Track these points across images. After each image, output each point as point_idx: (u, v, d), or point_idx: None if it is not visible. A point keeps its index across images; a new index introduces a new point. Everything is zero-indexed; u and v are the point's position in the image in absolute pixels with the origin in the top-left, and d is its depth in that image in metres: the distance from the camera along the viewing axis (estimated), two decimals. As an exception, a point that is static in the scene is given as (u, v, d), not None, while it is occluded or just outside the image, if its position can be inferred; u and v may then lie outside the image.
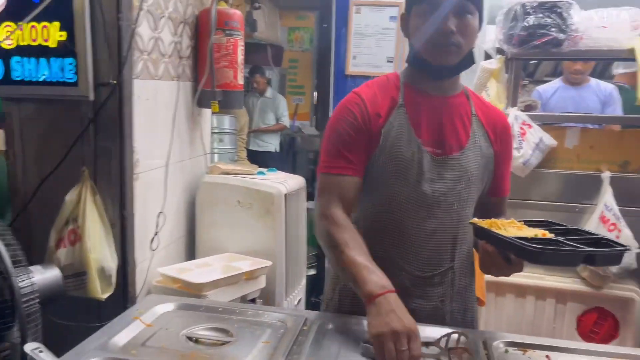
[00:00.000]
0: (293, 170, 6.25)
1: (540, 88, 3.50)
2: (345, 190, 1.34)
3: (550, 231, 1.19)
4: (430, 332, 1.26)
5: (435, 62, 1.32)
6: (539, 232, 1.15)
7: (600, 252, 1.08)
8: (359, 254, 1.27)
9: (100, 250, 1.70)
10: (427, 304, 1.38)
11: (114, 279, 1.73)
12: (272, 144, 5.68)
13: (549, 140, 2.49)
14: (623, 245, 1.12)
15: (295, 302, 2.42)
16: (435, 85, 1.37)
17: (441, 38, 1.28)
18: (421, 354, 1.11)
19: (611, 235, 2.36)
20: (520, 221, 1.25)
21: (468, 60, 1.35)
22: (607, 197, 2.40)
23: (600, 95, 3.18)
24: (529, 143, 2.47)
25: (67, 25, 1.64)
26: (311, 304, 3.49)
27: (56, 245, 1.72)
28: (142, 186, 1.86)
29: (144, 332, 1.22)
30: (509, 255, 1.17)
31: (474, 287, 1.47)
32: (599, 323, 2.46)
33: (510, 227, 1.19)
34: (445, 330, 1.25)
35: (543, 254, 1.05)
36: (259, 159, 5.02)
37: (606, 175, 2.43)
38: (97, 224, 1.71)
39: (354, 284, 1.25)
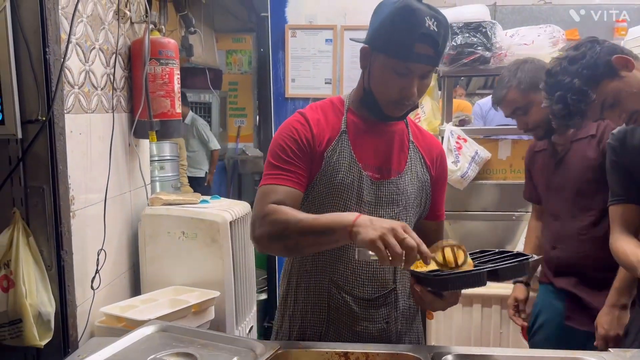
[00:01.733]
0: (239, 193, 6.20)
1: (480, 102, 3.66)
2: (282, 199, 1.29)
3: (476, 258, 1.27)
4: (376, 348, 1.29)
5: (389, 112, 1.36)
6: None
7: (500, 267, 1.16)
8: (310, 215, 1.24)
9: (36, 295, 1.62)
10: (372, 327, 1.40)
11: (52, 324, 1.64)
12: (202, 169, 5.60)
13: (484, 153, 2.60)
14: (526, 257, 1.21)
15: (247, 331, 2.38)
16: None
17: (403, 99, 1.31)
18: (418, 239, 1.10)
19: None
20: (430, 256, 1.29)
21: (415, 105, 1.39)
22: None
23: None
24: (465, 156, 2.57)
25: (-10, 61, 1.57)
26: (263, 330, 3.45)
27: (-13, 293, 1.62)
28: (80, 224, 1.79)
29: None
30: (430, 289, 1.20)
31: (418, 308, 1.50)
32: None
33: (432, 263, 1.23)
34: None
35: (448, 280, 1.13)
36: (193, 184, 4.93)
37: (538, 183, 2.56)
38: (32, 268, 1.63)
39: (326, 235, 1.19)
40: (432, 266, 1.20)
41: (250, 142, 6.51)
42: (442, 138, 2.61)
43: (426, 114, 2.69)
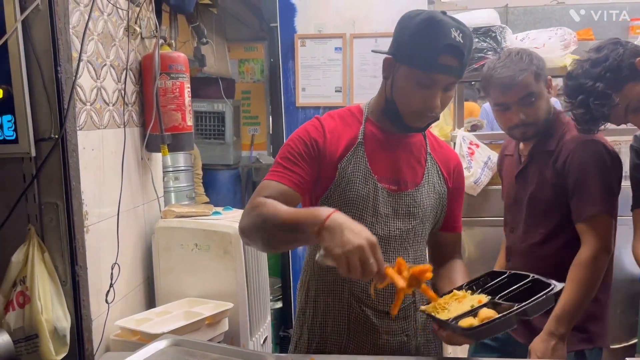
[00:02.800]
0: (254, 202, 6.21)
1: (487, 105, 3.62)
2: (275, 194, 1.29)
3: (489, 288, 1.26)
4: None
5: (412, 124, 1.36)
6: (476, 301, 1.21)
7: (529, 305, 1.13)
8: (290, 209, 1.23)
9: (52, 311, 1.64)
10: (393, 339, 1.39)
11: (68, 339, 1.66)
12: None
13: (497, 158, 2.57)
14: (548, 287, 1.16)
15: (262, 341, 2.38)
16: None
17: (426, 111, 1.31)
18: (382, 261, 1.09)
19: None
20: (462, 288, 1.31)
21: (437, 118, 1.38)
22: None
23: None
24: (477, 162, 2.54)
25: (4, 81, 1.60)
26: (279, 339, 3.45)
27: (4, 308, 1.65)
28: (94, 238, 1.81)
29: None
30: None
31: None
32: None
33: (453, 302, 1.25)
34: None
35: (479, 333, 1.12)
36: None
37: (552, 187, 2.52)
38: (47, 283, 1.65)
39: (297, 232, 1.17)
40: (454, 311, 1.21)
41: (264, 150, 6.55)
42: (454, 144, 2.59)
43: (438, 120, 2.67)
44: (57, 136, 1.62)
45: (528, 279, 1.24)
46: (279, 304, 3.70)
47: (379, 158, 1.37)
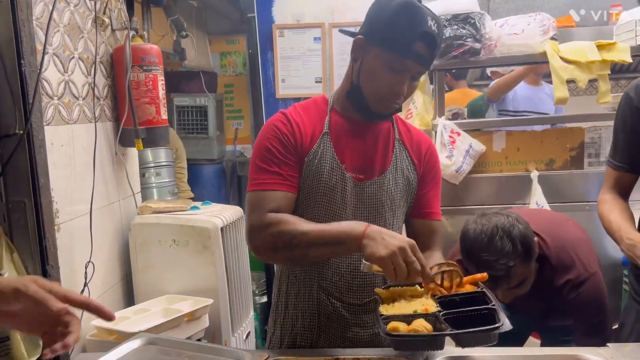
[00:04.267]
0: (239, 196, 6.17)
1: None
2: (276, 205, 1.28)
3: (453, 299, 1.21)
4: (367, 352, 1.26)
5: (377, 109, 1.33)
6: (422, 308, 1.17)
7: (463, 333, 1.09)
8: (317, 224, 1.24)
9: (22, 312, 1.59)
10: (363, 332, 1.37)
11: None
12: None
13: (478, 146, 2.55)
14: (498, 322, 1.09)
15: (244, 337, 2.35)
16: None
17: (391, 96, 1.29)
18: (425, 262, 1.15)
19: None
20: (429, 286, 1.25)
21: (399, 108, 1.36)
22: (537, 195, 2.49)
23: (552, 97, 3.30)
24: (459, 150, 2.52)
25: (-36, 76, 1.54)
26: (264, 333, 3.42)
27: (-27, 311, 1.60)
28: (65, 237, 1.76)
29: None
30: None
31: None
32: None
33: (407, 297, 1.24)
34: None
35: (398, 342, 1.11)
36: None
37: (534, 174, 2.52)
38: (17, 284, 1.60)
39: (336, 246, 1.21)
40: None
41: (249, 144, 6.48)
42: (435, 133, 2.57)
43: (418, 108, 2.65)
44: (22, 132, 1.57)
45: (486, 307, 1.17)
46: (265, 299, 3.67)
47: (346, 147, 1.34)
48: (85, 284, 1.84)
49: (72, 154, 1.83)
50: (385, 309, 1.19)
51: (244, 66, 6.35)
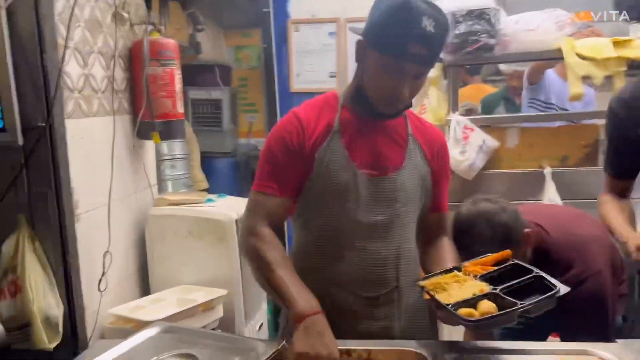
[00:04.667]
0: (252, 189, 6.19)
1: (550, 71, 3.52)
2: (272, 211, 1.35)
3: (492, 275, 1.26)
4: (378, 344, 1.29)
5: (382, 110, 1.34)
6: (478, 289, 1.22)
7: (532, 305, 1.15)
8: (287, 273, 1.28)
9: (43, 299, 1.64)
10: (376, 325, 1.39)
11: (60, 327, 1.67)
12: None
13: (491, 142, 2.55)
14: (551, 286, 1.18)
15: (257, 328, 2.39)
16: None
17: (393, 99, 1.29)
18: None
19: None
20: (462, 266, 1.32)
21: (409, 105, 1.37)
22: (550, 192, 2.48)
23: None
24: (472, 146, 2.53)
25: (-11, 70, 1.59)
26: (277, 325, 3.46)
27: (-4, 298, 1.65)
28: (85, 227, 1.81)
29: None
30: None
31: (423, 303, 1.48)
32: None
33: (454, 284, 1.27)
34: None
35: (480, 326, 1.15)
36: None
37: (548, 171, 2.51)
38: (39, 272, 1.65)
39: (282, 303, 1.27)
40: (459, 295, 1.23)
41: (262, 138, 6.50)
42: (449, 128, 2.57)
43: (432, 104, 2.65)
44: (44, 124, 1.61)
45: (532, 274, 1.24)
46: (277, 291, 3.69)
47: (357, 144, 1.36)
48: (103, 273, 1.88)
49: (92, 146, 1.88)
50: (444, 297, 1.22)
51: (258, 60, 6.37)
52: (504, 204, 1.66)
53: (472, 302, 1.19)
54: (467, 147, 2.51)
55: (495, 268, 1.31)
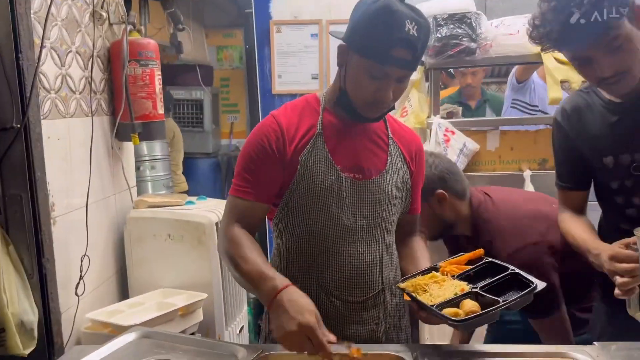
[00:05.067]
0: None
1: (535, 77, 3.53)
2: (247, 214, 1.35)
3: (468, 274, 1.30)
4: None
5: (365, 114, 1.34)
6: (458, 289, 1.25)
7: (513, 302, 1.19)
8: (257, 257, 1.27)
9: (18, 304, 1.60)
10: (362, 329, 1.39)
11: (36, 333, 1.63)
12: None
13: (472, 145, 2.57)
14: (527, 282, 1.22)
15: (238, 331, 2.37)
16: None
17: (376, 102, 1.29)
18: (323, 343, 1.13)
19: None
20: (439, 266, 1.35)
21: (392, 108, 1.37)
22: (529, 195, 2.51)
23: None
24: (453, 149, 2.54)
25: (-38, 69, 1.55)
26: (258, 328, 3.44)
27: (-31, 303, 1.61)
28: (61, 230, 1.77)
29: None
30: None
31: (405, 305, 1.49)
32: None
33: (433, 284, 1.29)
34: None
35: (467, 325, 1.18)
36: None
37: (527, 174, 2.54)
38: (13, 276, 1.61)
39: (254, 290, 1.26)
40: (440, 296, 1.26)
41: (244, 138, 6.46)
42: (430, 131, 2.59)
43: (413, 107, 2.67)
44: (19, 125, 1.58)
45: (508, 272, 1.28)
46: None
47: (340, 147, 1.35)
48: (81, 277, 1.85)
49: (69, 147, 1.84)
50: (426, 299, 1.24)
51: (240, 60, 6.34)
52: (443, 160, 1.79)
53: (455, 302, 1.22)
54: (448, 150, 2.53)
55: (471, 267, 1.34)
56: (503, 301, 1.19)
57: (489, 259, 1.35)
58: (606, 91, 1.47)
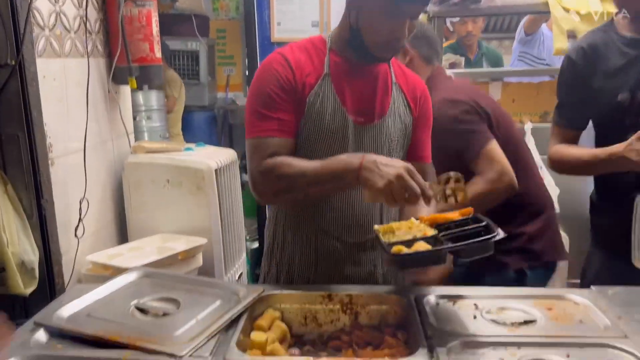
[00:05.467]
0: (230, 144, 6.13)
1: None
2: (276, 151, 1.28)
3: (448, 225, 1.23)
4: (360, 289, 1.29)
5: (378, 54, 1.31)
6: (420, 233, 1.19)
7: (461, 246, 1.12)
8: (314, 162, 1.24)
9: (18, 244, 1.60)
10: (361, 270, 1.40)
11: (37, 272, 1.63)
12: None
13: (474, 96, 2.54)
14: (489, 236, 1.13)
15: (236, 277, 2.40)
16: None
17: (393, 41, 1.27)
18: (416, 189, 1.13)
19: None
20: (423, 217, 1.28)
21: (403, 46, 1.37)
22: (530, 147, 2.51)
23: None
24: (454, 100, 2.51)
25: (-47, 3, 1.49)
26: (256, 277, 3.49)
27: (-32, 242, 1.61)
28: (60, 172, 1.76)
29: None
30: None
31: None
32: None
33: (404, 229, 1.24)
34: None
35: (402, 260, 1.13)
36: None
37: (528, 126, 2.53)
38: (12, 216, 1.60)
39: (335, 182, 1.22)
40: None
41: (240, 92, 6.39)
42: (432, 81, 2.55)
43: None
44: (14, 62, 1.53)
45: (480, 224, 1.20)
46: (256, 244, 3.72)
47: (346, 90, 1.33)
48: (80, 220, 1.85)
49: (65, 88, 1.80)
50: (387, 238, 1.21)
51: (237, 10, 6.18)
52: (424, 25, 1.86)
53: (410, 244, 1.16)
54: (449, 101, 2.50)
55: (452, 220, 1.27)
56: (454, 244, 1.12)
57: (476, 215, 1.27)
58: None
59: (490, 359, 1.01)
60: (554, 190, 2.44)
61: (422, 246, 1.14)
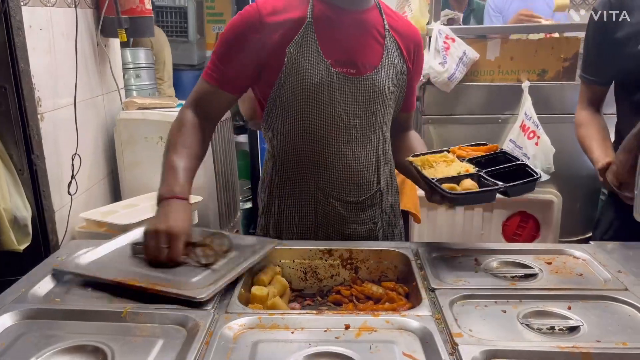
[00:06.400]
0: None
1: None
2: (206, 100, 1.30)
3: (479, 160, 1.28)
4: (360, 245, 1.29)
5: None
6: (463, 169, 1.24)
7: (511, 186, 1.19)
8: (178, 157, 1.26)
9: (9, 200, 1.57)
10: (360, 228, 1.38)
11: (30, 229, 1.61)
12: None
13: (472, 53, 2.50)
14: (533, 175, 1.21)
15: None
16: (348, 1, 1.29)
17: None
18: (178, 254, 1.12)
19: (530, 143, 2.47)
20: (454, 149, 1.33)
21: None
22: (526, 106, 2.49)
23: (550, 4, 3.19)
24: (452, 57, 2.47)
25: None
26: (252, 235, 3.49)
27: (-42, 198, 1.57)
28: (50, 126, 1.71)
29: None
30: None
31: (398, 205, 1.49)
32: (522, 226, 2.62)
33: (441, 163, 1.27)
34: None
35: (459, 198, 1.18)
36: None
37: (526, 84, 2.50)
38: (2, 171, 1.56)
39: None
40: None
41: (230, 51, 6.24)
42: (430, 37, 2.50)
43: (413, 11, 2.55)
44: (-2, 10, 1.46)
45: (516, 163, 1.27)
46: (249, 204, 3.70)
47: (332, 39, 1.26)
48: (73, 176, 1.81)
49: (52, 39, 1.73)
50: (430, 173, 1.24)
51: (226, -35, 5.97)
52: None
53: (456, 180, 1.21)
54: (447, 58, 2.46)
55: (483, 154, 1.33)
56: (502, 185, 1.19)
57: (503, 150, 1.34)
58: None
59: (492, 312, 1.01)
60: (549, 150, 2.43)
61: (470, 184, 1.19)
